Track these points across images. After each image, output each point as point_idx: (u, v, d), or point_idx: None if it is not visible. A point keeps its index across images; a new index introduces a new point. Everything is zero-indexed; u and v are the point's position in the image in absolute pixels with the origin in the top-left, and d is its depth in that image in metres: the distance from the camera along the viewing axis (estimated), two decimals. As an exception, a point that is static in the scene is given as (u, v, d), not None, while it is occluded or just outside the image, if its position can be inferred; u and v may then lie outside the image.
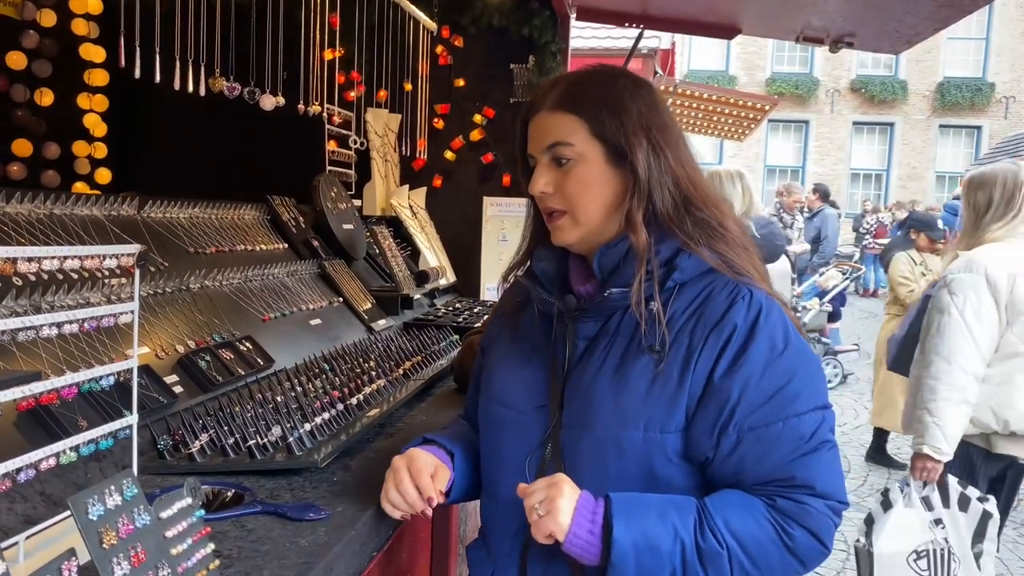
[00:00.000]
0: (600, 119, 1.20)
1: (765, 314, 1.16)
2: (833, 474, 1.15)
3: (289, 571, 1.06)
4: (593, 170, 1.21)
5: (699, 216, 1.21)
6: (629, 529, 1.08)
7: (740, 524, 1.10)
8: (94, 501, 0.84)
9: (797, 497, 1.12)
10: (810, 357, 1.18)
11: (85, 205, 1.92)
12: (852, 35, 3.78)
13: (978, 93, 20.08)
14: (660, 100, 1.26)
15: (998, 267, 2.62)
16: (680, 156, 1.23)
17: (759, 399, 1.13)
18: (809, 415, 1.14)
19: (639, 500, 1.12)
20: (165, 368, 1.71)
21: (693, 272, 1.20)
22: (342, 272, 2.79)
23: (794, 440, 1.13)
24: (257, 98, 2.41)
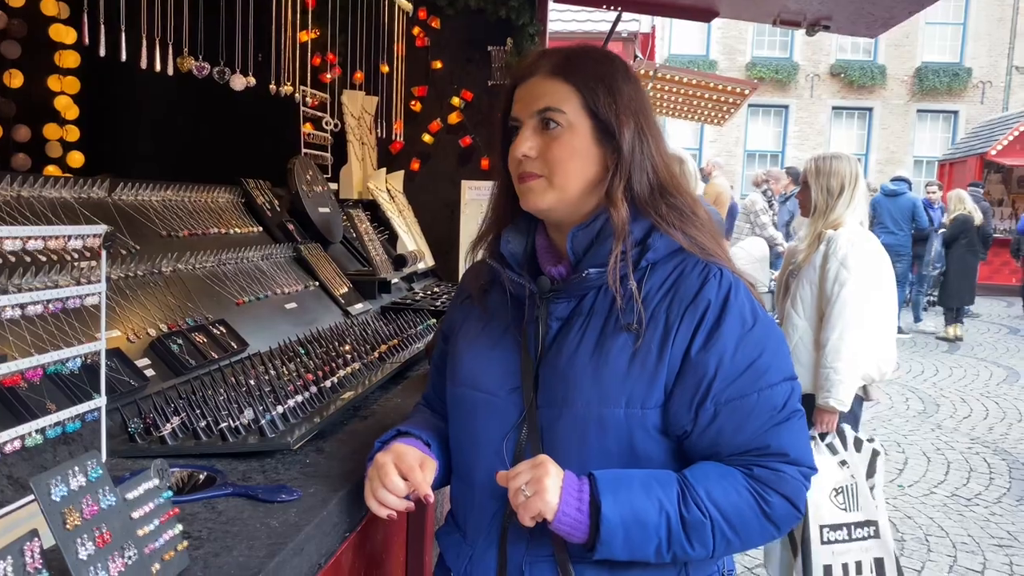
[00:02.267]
0: (595, 94, 1.22)
1: (735, 292, 1.20)
2: (803, 441, 1.20)
3: (259, 552, 1.06)
4: (580, 142, 1.23)
5: (672, 202, 1.24)
6: (617, 505, 1.10)
7: (721, 494, 1.14)
8: (57, 482, 0.83)
9: (773, 465, 1.16)
10: (776, 331, 1.23)
11: (54, 187, 1.89)
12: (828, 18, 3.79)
13: (955, 78, 20.20)
14: (645, 91, 1.30)
15: (871, 248, 3.09)
16: (659, 145, 1.26)
17: (734, 373, 1.16)
18: (780, 386, 1.18)
19: (623, 476, 1.14)
20: (137, 351, 1.70)
21: (664, 251, 1.23)
22: (318, 256, 2.77)
23: (768, 410, 1.17)
24: (227, 78, 2.38)
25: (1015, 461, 5.47)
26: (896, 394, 7.13)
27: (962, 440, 5.90)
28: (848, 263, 3.01)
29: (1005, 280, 14.47)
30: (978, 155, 15.68)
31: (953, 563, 3.90)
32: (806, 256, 3.18)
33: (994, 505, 4.66)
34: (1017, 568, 3.87)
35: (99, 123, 3.85)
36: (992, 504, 4.68)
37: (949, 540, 4.16)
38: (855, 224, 3.15)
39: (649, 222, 1.23)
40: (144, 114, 3.96)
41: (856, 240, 3.06)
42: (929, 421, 6.38)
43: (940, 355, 9.07)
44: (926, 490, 4.88)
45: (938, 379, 7.86)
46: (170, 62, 2.13)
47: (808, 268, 3.14)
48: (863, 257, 3.04)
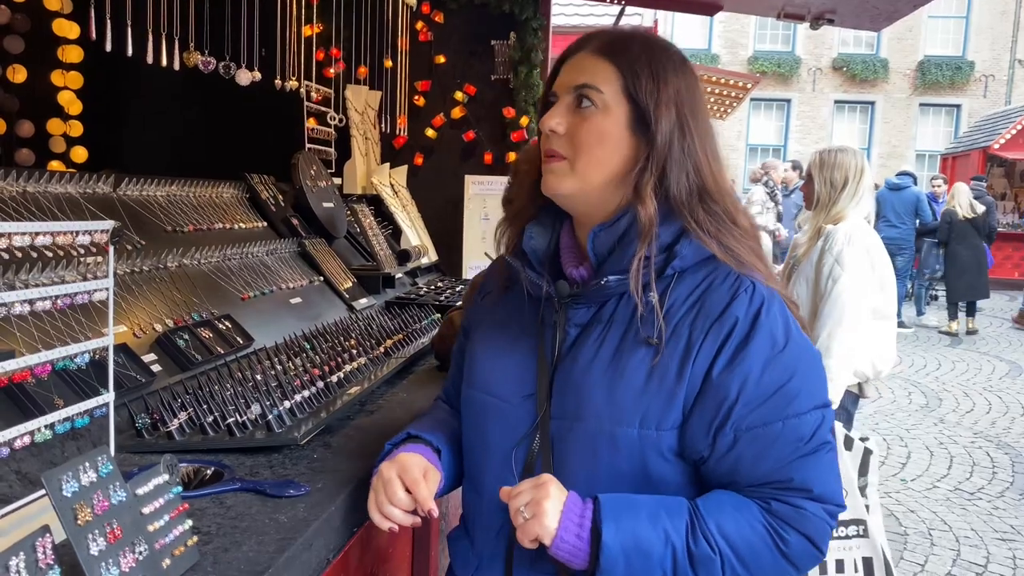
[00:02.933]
0: (638, 78, 1.13)
1: (766, 308, 1.10)
2: (831, 477, 1.11)
3: (268, 547, 1.06)
4: (612, 126, 1.14)
5: (711, 208, 1.14)
6: (619, 533, 1.03)
7: (733, 528, 1.06)
8: (68, 478, 0.83)
9: (794, 501, 1.08)
10: (810, 353, 1.14)
11: (59, 183, 1.89)
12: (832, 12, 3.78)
13: (958, 72, 20.14)
14: (700, 89, 1.21)
15: (870, 242, 3.03)
16: (707, 146, 1.16)
17: (758, 397, 1.07)
18: (809, 414, 1.09)
19: (629, 502, 1.07)
20: (143, 347, 1.70)
21: (693, 259, 1.13)
22: (322, 251, 2.77)
23: (793, 441, 1.08)
24: (233, 73, 2.38)
25: (1018, 455, 5.47)
26: (899, 388, 7.13)
27: (965, 434, 5.90)
28: (843, 259, 2.96)
29: (1008, 274, 14.45)
30: (981, 149, 15.65)
31: (956, 557, 3.90)
32: (805, 251, 3.17)
33: (997, 499, 4.67)
34: (1020, 562, 3.87)
35: (102, 118, 3.85)
36: (995, 498, 4.68)
37: (952, 534, 4.16)
38: (858, 219, 3.11)
39: (680, 225, 1.13)
40: (147, 109, 3.95)
41: (853, 236, 3.02)
42: (932, 415, 6.38)
43: (943, 349, 9.06)
44: (929, 484, 4.88)
45: (940, 373, 7.86)
46: (176, 57, 2.13)
47: (805, 263, 3.12)
48: (858, 253, 2.99)
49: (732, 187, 1.20)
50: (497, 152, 3.98)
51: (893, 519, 4.29)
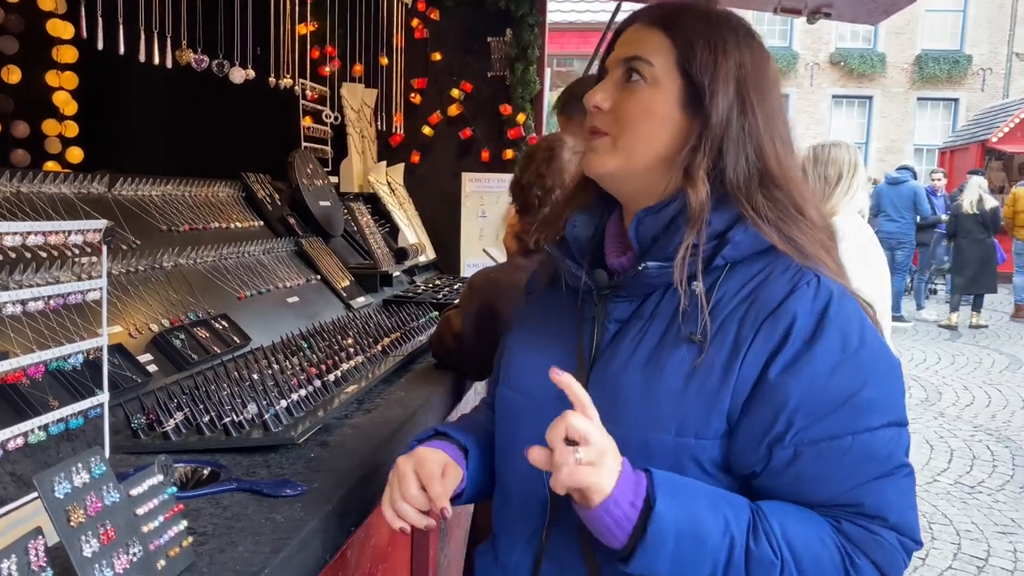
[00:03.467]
0: (693, 50, 1.03)
1: (837, 304, 0.97)
2: (908, 505, 0.97)
3: (264, 547, 1.05)
4: (662, 101, 1.04)
5: (775, 195, 1.02)
6: (675, 508, 0.90)
7: (799, 536, 0.93)
8: (60, 479, 0.83)
9: (867, 525, 0.95)
10: (890, 361, 0.99)
11: (54, 183, 1.88)
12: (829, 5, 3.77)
13: (955, 66, 20.14)
14: (770, 66, 1.08)
15: (864, 237, 3.04)
16: (773, 128, 1.05)
17: (825, 406, 0.94)
18: (883, 431, 0.95)
19: (687, 482, 0.95)
20: (139, 347, 1.69)
21: (749, 249, 1.01)
22: (319, 249, 2.77)
23: (864, 460, 0.94)
24: (226, 71, 2.37)
25: (1018, 448, 5.47)
26: (898, 383, 7.13)
27: (965, 428, 5.90)
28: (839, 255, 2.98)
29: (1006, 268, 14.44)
30: (979, 142, 15.65)
31: (957, 551, 3.90)
32: None
33: (997, 493, 4.67)
34: (1021, 555, 3.87)
35: (98, 118, 3.84)
36: (995, 492, 4.68)
37: (953, 528, 4.16)
38: (852, 214, 3.10)
39: (736, 212, 1.01)
40: (143, 109, 3.94)
41: (847, 231, 2.98)
42: (932, 409, 6.38)
43: (942, 343, 9.06)
44: (929, 478, 4.88)
45: (940, 367, 7.86)
46: (168, 55, 2.12)
47: None
48: (852, 248, 2.95)
49: (802, 175, 1.09)
50: (494, 149, 3.97)
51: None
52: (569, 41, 13.82)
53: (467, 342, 1.94)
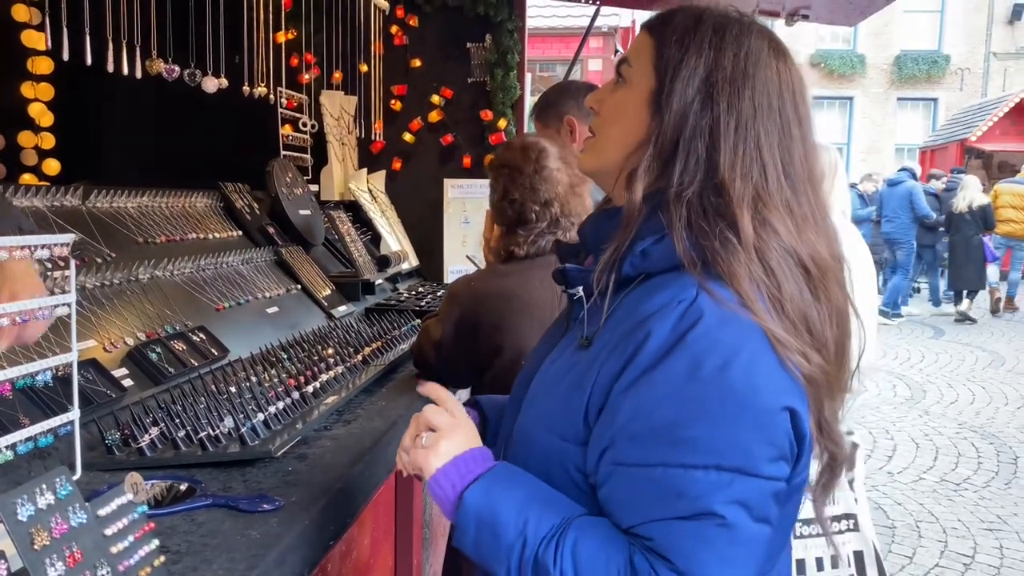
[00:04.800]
0: (665, 47, 1.00)
1: (703, 329, 0.89)
2: (711, 558, 0.86)
3: (239, 564, 1.03)
4: (632, 101, 1.03)
5: (713, 205, 0.95)
6: (482, 498, 0.94)
7: (588, 557, 0.90)
8: (23, 501, 0.81)
9: (653, 563, 0.87)
10: (747, 402, 0.88)
11: (26, 196, 1.85)
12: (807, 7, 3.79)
13: (934, 66, 20.33)
14: (778, 72, 1.02)
15: (849, 238, 2.92)
16: (745, 133, 0.97)
17: (646, 431, 0.89)
18: (700, 472, 0.86)
19: (518, 479, 0.97)
20: (114, 361, 1.67)
21: (664, 263, 0.96)
22: (300, 259, 2.74)
23: (668, 495, 0.87)
24: (198, 80, 2.35)
25: (1003, 445, 5.50)
26: (883, 381, 7.16)
27: (950, 425, 5.93)
28: None
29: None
30: (959, 141, 15.79)
31: (944, 548, 3.91)
32: None
33: (983, 489, 4.69)
34: (1008, 551, 3.89)
35: (74, 130, 3.80)
36: (981, 488, 4.70)
37: (939, 525, 4.17)
38: (836, 214, 3.12)
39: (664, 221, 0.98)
40: (120, 119, 3.91)
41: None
42: (917, 407, 6.41)
43: (926, 341, 9.11)
44: (915, 476, 4.89)
45: (924, 365, 7.90)
46: (138, 65, 2.10)
47: None
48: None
49: (773, 187, 0.98)
50: (476, 155, 3.96)
51: (880, 512, 4.30)
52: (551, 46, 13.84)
53: (446, 352, 1.93)
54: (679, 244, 0.94)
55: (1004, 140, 15.36)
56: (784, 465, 0.90)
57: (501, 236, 1.95)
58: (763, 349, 0.90)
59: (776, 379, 0.90)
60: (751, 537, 0.88)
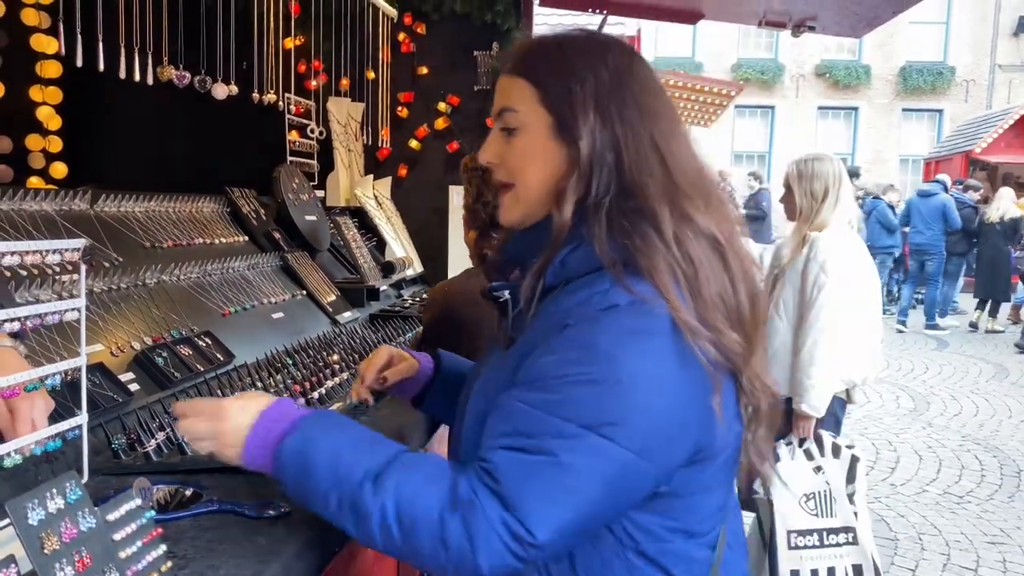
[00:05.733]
0: (547, 85, 1.08)
1: (613, 313, 0.98)
2: (534, 487, 0.93)
3: (246, 570, 1.03)
4: (536, 141, 1.09)
5: (629, 207, 1.04)
6: (302, 445, 1.02)
7: (410, 494, 0.96)
8: (34, 505, 0.81)
9: (478, 488, 0.95)
10: (630, 381, 0.95)
11: (35, 200, 1.86)
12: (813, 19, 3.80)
13: (939, 77, 20.33)
14: (638, 72, 1.11)
15: (854, 249, 3.06)
16: (638, 135, 1.06)
17: (534, 378, 0.98)
18: (559, 420, 0.95)
19: (329, 420, 1.07)
20: (120, 366, 1.67)
21: (582, 268, 1.04)
22: (305, 264, 2.75)
23: (521, 430, 0.96)
24: (208, 87, 2.36)
25: (1006, 458, 5.48)
26: (887, 392, 7.15)
27: (953, 438, 5.91)
28: (827, 267, 2.97)
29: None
30: (963, 153, 15.77)
31: (947, 561, 3.90)
32: (790, 259, 3.17)
33: (986, 502, 4.67)
34: (1010, 564, 3.87)
35: (82, 134, 3.82)
36: (984, 501, 4.68)
37: (942, 538, 4.16)
38: (842, 226, 3.12)
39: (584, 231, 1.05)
40: (128, 124, 3.92)
41: (838, 243, 3.03)
42: (920, 419, 6.39)
43: (930, 353, 9.10)
44: (918, 488, 4.88)
45: (928, 377, 7.89)
46: (150, 71, 2.11)
47: (791, 271, 3.12)
48: (843, 261, 3.00)
49: (678, 177, 1.06)
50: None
51: (883, 524, 4.28)
52: (556, 54, 13.85)
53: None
54: (599, 247, 1.02)
55: (1009, 152, 15.35)
56: (639, 439, 0.95)
57: (476, 239, 1.99)
58: (665, 338, 0.97)
59: (668, 368, 0.97)
60: (583, 488, 0.94)
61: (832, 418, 3.10)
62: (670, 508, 1.04)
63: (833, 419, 3.11)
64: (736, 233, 1.11)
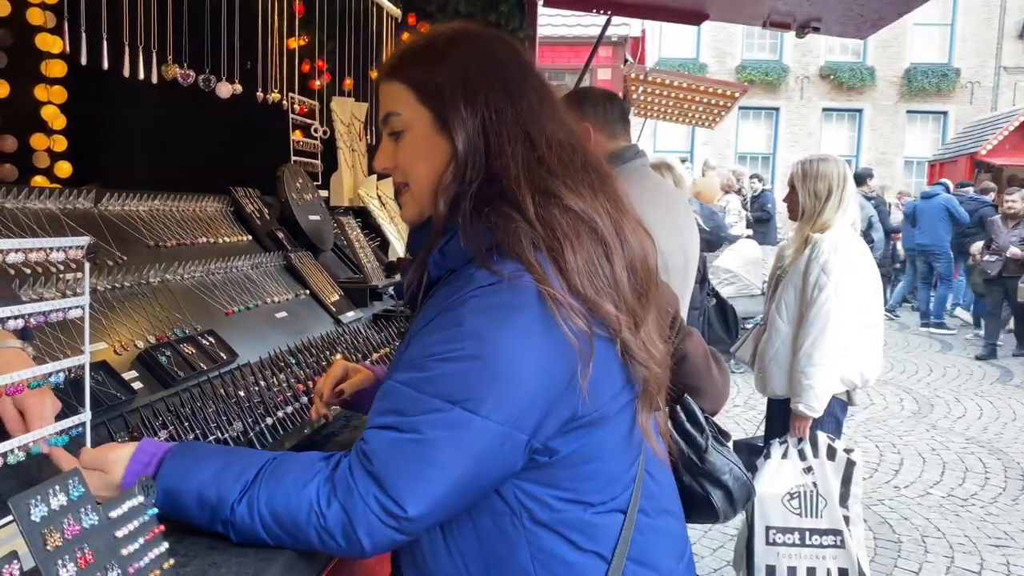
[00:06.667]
0: (421, 83, 1.12)
1: (475, 293, 1.02)
2: (404, 468, 0.99)
3: (247, 569, 1.03)
4: (421, 138, 1.13)
5: (494, 191, 1.07)
6: (169, 479, 1.05)
7: (283, 496, 1.02)
8: (36, 502, 0.81)
9: (354, 466, 1.01)
10: (490, 352, 1.00)
11: (39, 199, 1.87)
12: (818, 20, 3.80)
13: (944, 79, 20.31)
14: (504, 57, 1.15)
15: (855, 251, 3.05)
16: (508, 116, 1.09)
17: (404, 361, 1.05)
18: (427, 398, 1.00)
19: (194, 457, 1.08)
20: (124, 364, 1.67)
21: (461, 258, 1.07)
22: (308, 264, 2.75)
23: (392, 409, 1.02)
24: (213, 86, 2.36)
25: (1010, 460, 5.47)
26: (890, 394, 7.14)
27: (957, 440, 5.90)
28: (829, 268, 2.97)
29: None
30: (968, 155, 15.75)
31: (951, 564, 3.89)
32: (792, 260, 3.17)
33: (990, 505, 4.66)
34: (1014, 568, 3.86)
35: (87, 133, 3.82)
36: (988, 504, 4.68)
37: (946, 541, 4.15)
38: (845, 227, 3.11)
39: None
40: (132, 123, 3.93)
41: (840, 245, 3.02)
42: (924, 421, 6.38)
43: (933, 355, 9.08)
44: (922, 491, 4.87)
45: (932, 379, 7.87)
46: (154, 70, 2.11)
47: (793, 272, 3.12)
48: (845, 263, 3.00)
49: (546, 159, 1.09)
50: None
51: (886, 526, 4.28)
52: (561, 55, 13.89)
53: None
54: (464, 234, 1.06)
55: (1014, 155, 15.33)
56: (510, 412, 0.99)
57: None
58: (531, 311, 1.00)
59: (531, 338, 1.00)
60: (448, 463, 0.99)
61: (832, 420, 3.10)
62: (556, 479, 1.07)
63: (833, 421, 3.11)
64: (618, 205, 1.13)
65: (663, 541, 1.19)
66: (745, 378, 6.82)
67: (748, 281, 7.49)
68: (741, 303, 6.44)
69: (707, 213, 6.14)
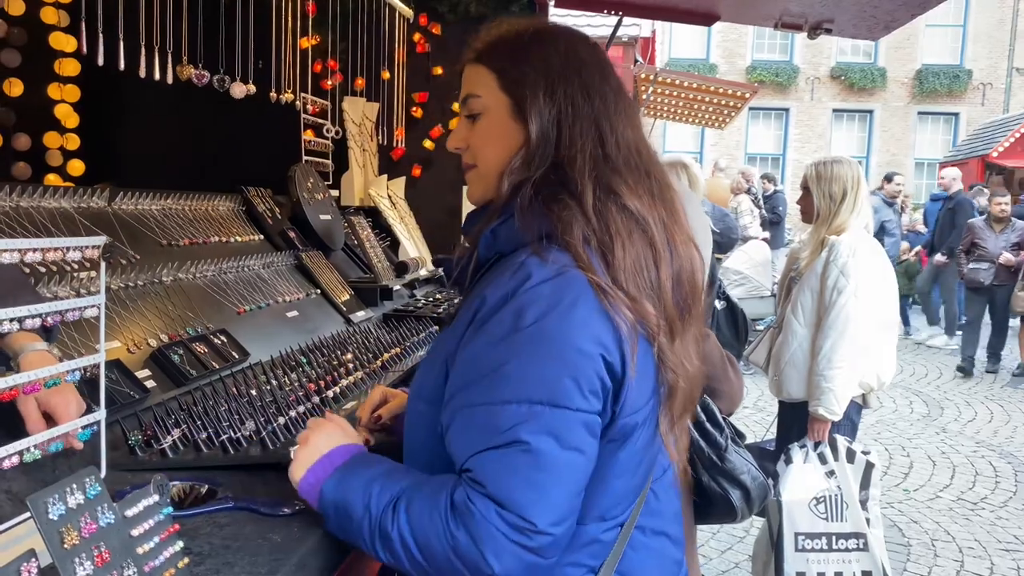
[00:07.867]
0: (505, 70, 1.16)
1: (529, 284, 1.02)
2: (515, 482, 0.97)
3: (261, 567, 1.04)
4: (496, 122, 1.17)
5: (557, 180, 1.10)
6: (336, 490, 1.09)
7: (417, 513, 1.02)
8: (54, 500, 0.82)
9: (471, 495, 0.98)
10: (558, 343, 1.00)
11: (53, 197, 1.88)
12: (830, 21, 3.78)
13: (956, 80, 20.19)
14: (585, 56, 1.18)
15: (871, 252, 3.03)
16: (582, 111, 1.13)
17: (472, 377, 1.03)
18: (512, 406, 0.99)
19: (367, 463, 1.12)
20: (137, 363, 1.69)
21: (512, 243, 1.10)
22: (319, 263, 2.76)
23: (486, 429, 1.00)
24: (227, 86, 2.37)
25: (1021, 464, 5.44)
26: (900, 398, 7.11)
27: (967, 444, 5.87)
28: (847, 270, 2.96)
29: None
30: (979, 157, 15.66)
31: (960, 568, 3.88)
32: (808, 262, 3.16)
33: (1000, 509, 4.64)
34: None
35: (100, 131, 3.85)
36: (998, 508, 4.65)
37: (956, 545, 4.13)
38: (859, 229, 3.10)
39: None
40: (145, 122, 3.95)
41: (857, 247, 3.01)
42: (934, 425, 6.35)
43: (943, 358, 9.04)
44: (932, 494, 4.85)
45: (942, 382, 7.84)
46: (169, 70, 2.12)
47: (810, 274, 3.10)
48: (863, 265, 2.99)
49: (613, 155, 1.12)
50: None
51: (896, 530, 4.26)
52: (570, 55, 13.87)
53: None
54: (520, 217, 1.08)
55: (1026, 157, 15.24)
56: (594, 399, 1.02)
57: None
58: (585, 299, 1.02)
59: (592, 325, 1.02)
60: (557, 463, 0.98)
61: (849, 423, 3.09)
62: (590, 492, 1.06)
63: (850, 424, 3.10)
64: (674, 217, 1.15)
65: (654, 561, 1.19)
66: (754, 380, 6.81)
67: (757, 282, 7.47)
68: (751, 304, 6.43)
69: (718, 215, 6.14)
